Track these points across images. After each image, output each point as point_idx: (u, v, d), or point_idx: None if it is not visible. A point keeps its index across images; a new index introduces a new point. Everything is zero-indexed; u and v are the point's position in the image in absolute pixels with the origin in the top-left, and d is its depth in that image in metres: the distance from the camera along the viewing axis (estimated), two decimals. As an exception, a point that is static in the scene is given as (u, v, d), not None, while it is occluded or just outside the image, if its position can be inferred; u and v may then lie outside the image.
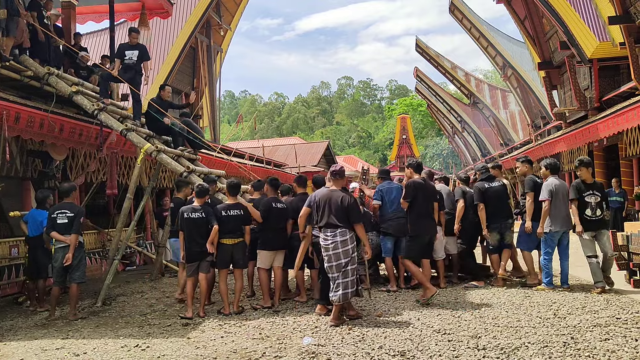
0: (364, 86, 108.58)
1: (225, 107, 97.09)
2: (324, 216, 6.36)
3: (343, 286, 6.23)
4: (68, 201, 7.55)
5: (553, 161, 8.16)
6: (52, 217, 7.31)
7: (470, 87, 43.33)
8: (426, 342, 5.34)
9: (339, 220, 6.29)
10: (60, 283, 7.43)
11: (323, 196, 6.44)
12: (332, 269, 6.30)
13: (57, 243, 7.27)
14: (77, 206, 7.65)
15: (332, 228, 6.32)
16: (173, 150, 9.62)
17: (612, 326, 5.66)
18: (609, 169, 16.86)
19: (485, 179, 8.52)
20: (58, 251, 7.27)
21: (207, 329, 6.34)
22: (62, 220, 7.25)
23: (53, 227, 7.27)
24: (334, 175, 6.54)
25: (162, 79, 16.93)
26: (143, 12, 13.58)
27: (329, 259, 6.32)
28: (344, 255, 6.27)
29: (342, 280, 6.26)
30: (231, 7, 23.36)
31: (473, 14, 33.32)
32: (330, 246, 6.30)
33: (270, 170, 21.33)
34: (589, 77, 18.59)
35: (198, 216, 7.12)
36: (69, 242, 7.20)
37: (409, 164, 7.83)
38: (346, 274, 6.27)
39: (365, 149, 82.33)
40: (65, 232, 7.25)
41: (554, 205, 7.64)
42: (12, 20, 8.76)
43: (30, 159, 10.38)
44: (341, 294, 6.21)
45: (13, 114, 8.22)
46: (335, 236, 6.29)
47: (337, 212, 6.31)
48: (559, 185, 7.75)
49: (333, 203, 6.34)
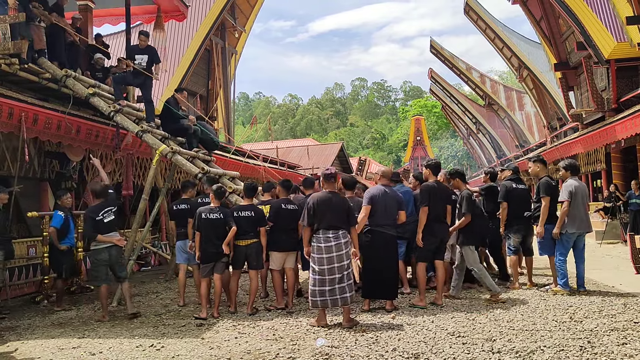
0: (377, 87, 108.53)
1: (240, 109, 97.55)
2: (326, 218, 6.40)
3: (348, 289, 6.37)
4: (102, 200, 7.36)
5: (572, 162, 8.08)
6: (97, 220, 7.07)
7: (485, 88, 43.05)
8: (440, 345, 5.32)
9: (340, 222, 6.41)
10: (106, 281, 7.23)
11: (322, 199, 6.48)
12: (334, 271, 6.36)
13: (99, 244, 7.10)
14: (113, 200, 7.55)
15: (334, 230, 6.36)
16: (188, 152, 9.69)
17: (630, 330, 5.58)
18: (627, 171, 16.62)
19: (513, 179, 8.50)
20: (102, 252, 7.08)
21: (221, 330, 6.37)
22: (109, 218, 7.18)
23: (98, 229, 7.07)
24: (327, 178, 6.64)
25: (177, 81, 17.06)
26: (159, 15, 13.69)
27: (331, 261, 6.33)
28: (346, 257, 6.37)
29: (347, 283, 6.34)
30: (246, 9, 23.47)
31: (488, 15, 33.10)
32: (334, 248, 6.33)
33: (284, 172, 21.38)
34: (606, 78, 18.37)
35: (216, 217, 7.16)
36: (115, 242, 7.14)
37: (428, 164, 7.77)
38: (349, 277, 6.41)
39: (379, 150, 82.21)
40: (111, 230, 7.19)
41: (572, 206, 7.58)
42: (27, 25, 8.91)
43: (48, 160, 10.52)
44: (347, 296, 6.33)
45: (31, 115, 8.34)
46: (338, 238, 6.37)
47: (338, 214, 6.41)
48: (578, 187, 7.68)
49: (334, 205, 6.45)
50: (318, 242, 6.34)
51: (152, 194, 9.74)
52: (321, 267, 6.27)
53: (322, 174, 6.86)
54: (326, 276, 6.25)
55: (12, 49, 8.53)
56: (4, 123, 7.93)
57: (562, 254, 7.67)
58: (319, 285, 6.26)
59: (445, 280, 7.93)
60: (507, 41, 31.29)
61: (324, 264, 6.28)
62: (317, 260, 6.31)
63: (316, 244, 6.35)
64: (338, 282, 6.24)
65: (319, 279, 6.27)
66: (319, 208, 6.35)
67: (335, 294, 6.22)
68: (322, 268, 6.26)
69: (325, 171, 6.92)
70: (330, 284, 6.23)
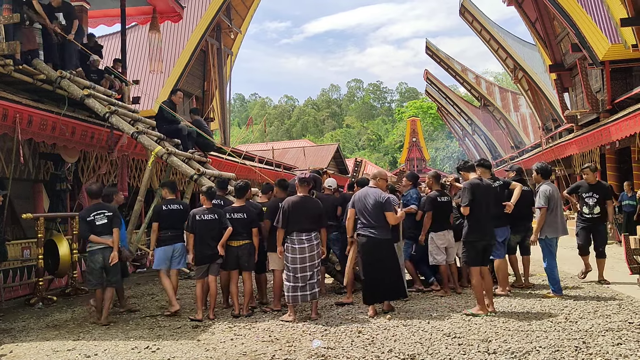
0: (373, 89, 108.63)
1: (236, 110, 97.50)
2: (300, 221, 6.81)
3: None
4: (97, 202, 7.28)
5: (544, 165, 8.10)
6: (88, 221, 7.02)
7: (480, 89, 43.15)
8: (436, 346, 5.32)
9: (313, 224, 6.87)
10: (99, 285, 7.13)
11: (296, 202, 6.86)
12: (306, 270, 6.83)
13: (93, 245, 7.05)
14: (110, 205, 7.41)
15: (307, 232, 6.83)
16: (183, 153, 9.67)
17: (625, 330, 5.60)
18: (622, 172, 16.69)
19: (517, 180, 8.46)
20: (96, 253, 7.02)
21: (217, 332, 6.36)
22: (101, 221, 7.05)
23: (92, 230, 7.01)
24: (302, 182, 7.01)
25: (173, 82, 17.04)
26: (154, 16, 13.67)
27: (303, 261, 6.79)
28: (317, 256, 6.91)
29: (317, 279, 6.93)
30: (241, 10, 23.45)
31: (483, 17, 33.17)
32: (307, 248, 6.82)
33: (280, 173, 21.37)
34: (600, 80, 18.44)
35: (210, 218, 7.14)
36: (110, 244, 7.01)
37: (464, 167, 7.25)
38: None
39: (375, 151, 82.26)
40: (105, 233, 7.04)
41: (550, 212, 7.59)
42: (18, 28, 8.89)
43: (42, 161, 10.48)
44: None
45: (26, 117, 8.31)
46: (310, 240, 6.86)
47: (311, 218, 6.86)
48: (553, 192, 7.69)
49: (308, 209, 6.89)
50: (292, 244, 6.82)
51: (148, 195, 9.71)
52: (294, 265, 6.78)
53: (297, 178, 7.20)
54: (299, 274, 6.76)
55: (6, 50, 8.50)
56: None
57: (551, 260, 7.63)
58: (292, 282, 6.78)
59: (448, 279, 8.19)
60: (502, 43, 31.37)
61: (297, 263, 6.78)
62: (291, 260, 6.81)
63: (290, 245, 6.84)
64: (309, 279, 6.79)
65: (293, 276, 6.78)
66: (294, 211, 6.78)
67: (306, 290, 6.78)
68: (295, 267, 6.77)
69: (300, 175, 7.24)
70: (302, 280, 6.76)
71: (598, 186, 8.72)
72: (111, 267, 7.09)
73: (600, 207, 8.56)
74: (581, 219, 8.74)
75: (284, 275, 6.92)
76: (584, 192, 8.73)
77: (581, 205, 8.77)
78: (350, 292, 7.77)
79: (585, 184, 8.80)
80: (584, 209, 8.69)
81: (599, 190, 8.65)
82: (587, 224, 8.65)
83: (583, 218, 8.71)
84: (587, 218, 8.64)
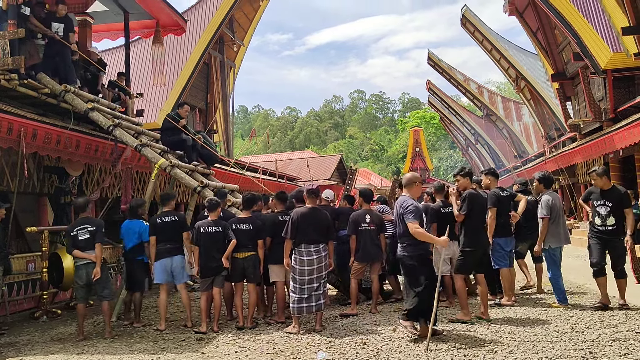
0: (376, 99, 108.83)
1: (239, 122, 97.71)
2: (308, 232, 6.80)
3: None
4: (85, 216, 7.26)
5: (546, 174, 8.07)
6: (72, 235, 6.99)
7: (483, 99, 43.21)
8: (442, 357, 5.29)
9: (321, 236, 6.88)
10: (83, 300, 7.13)
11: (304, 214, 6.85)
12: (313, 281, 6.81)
13: (79, 260, 6.98)
14: (96, 219, 7.39)
15: (315, 244, 6.82)
16: (187, 165, 9.69)
17: (632, 340, 5.56)
18: (626, 181, 16.62)
19: (522, 191, 8.73)
20: (80, 268, 6.96)
21: (221, 344, 6.34)
22: (83, 236, 6.96)
23: (74, 244, 6.97)
24: (310, 194, 7.02)
25: (176, 95, 17.12)
26: (157, 30, 13.75)
27: (311, 272, 6.78)
28: (325, 268, 6.91)
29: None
30: (244, 23, 23.61)
31: (485, 27, 33.30)
32: (314, 260, 6.80)
33: (283, 184, 21.39)
34: (603, 88, 18.45)
35: (215, 230, 7.14)
36: (92, 259, 6.90)
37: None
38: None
39: (378, 162, 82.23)
40: (88, 248, 6.95)
41: (553, 222, 7.56)
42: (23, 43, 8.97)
43: (47, 175, 10.51)
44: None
45: (30, 130, 8.36)
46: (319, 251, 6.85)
47: (319, 229, 6.87)
48: (555, 201, 7.66)
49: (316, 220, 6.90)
50: (300, 255, 6.80)
51: (152, 207, 9.71)
52: (302, 277, 6.75)
53: (305, 189, 7.20)
54: (305, 285, 6.74)
55: (11, 65, 8.58)
56: (3, 138, 7.93)
57: (555, 270, 7.57)
58: (298, 293, 6.74)
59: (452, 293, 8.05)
60: (504, 52, 31.45)
61: (304, 275, 6.76)
62: (299, 272, 6.78)
63: (298, 256, 6.81)
64: (315, 290, 6.76)
65: (299, 288, 6.75)
66: (302, 223, 6.78)
67: (311, 301, 6.74)
68: (303, 278, 6.75)
69: (308, 187, 7.24)
70: (308, 292, 6.75)
71: (611, 192, 7.34)
72: (98, 282, 6.95)
73: (615, 217, 7.21)
74: (593, 231, 7.44)
75: (291, 286, 6.90)
76: (595, 200, 7.45)
77: (593, 215, 7.49)
78: (354, 303, 7.75)
79: (596, 190, 7.51)
80: (595, 219, 7.38)
81: (613, 197, 7.28)
82: (600, 237, 7.33)
83: (595, 230, 7.39)
84: (600, 230, 7.31)
